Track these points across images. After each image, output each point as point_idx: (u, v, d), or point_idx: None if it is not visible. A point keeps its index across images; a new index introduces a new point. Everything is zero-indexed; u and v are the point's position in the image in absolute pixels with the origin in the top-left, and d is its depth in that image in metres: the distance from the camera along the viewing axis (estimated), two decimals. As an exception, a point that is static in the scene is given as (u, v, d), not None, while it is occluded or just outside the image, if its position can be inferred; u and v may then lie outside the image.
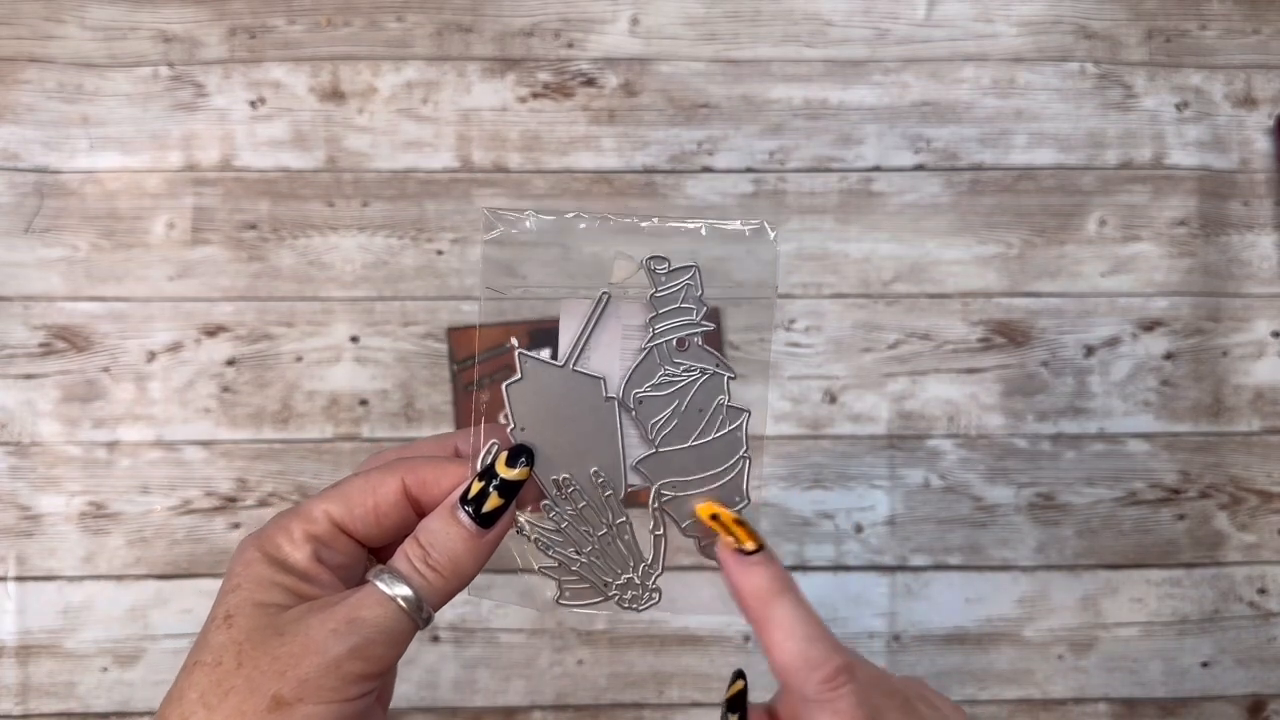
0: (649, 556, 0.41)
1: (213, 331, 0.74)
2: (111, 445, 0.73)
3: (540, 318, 0.74)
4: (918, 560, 0.72)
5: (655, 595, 0.39)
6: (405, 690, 0.71)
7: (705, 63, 0.77)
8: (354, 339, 0.74)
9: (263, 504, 0.72)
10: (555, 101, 0.77)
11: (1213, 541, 0.73)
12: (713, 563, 0.40)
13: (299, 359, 0.74)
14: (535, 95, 0.77)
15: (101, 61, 0.77)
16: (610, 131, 0.76)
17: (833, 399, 0.73)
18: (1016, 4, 0.78)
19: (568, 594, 0.39)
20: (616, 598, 0.39)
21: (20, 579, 0.72)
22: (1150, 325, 0.75)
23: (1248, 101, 0.78)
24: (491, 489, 0.34)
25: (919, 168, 0.76)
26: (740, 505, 0.36)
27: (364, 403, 0.73)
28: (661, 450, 0.40)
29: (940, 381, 0.74)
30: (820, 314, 0.74)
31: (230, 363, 0.73)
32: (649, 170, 0.76)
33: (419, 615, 0.33)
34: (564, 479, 0.39)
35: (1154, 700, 0.72)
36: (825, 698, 0.32)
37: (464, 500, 0.34)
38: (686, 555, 0.42)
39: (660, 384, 0.41)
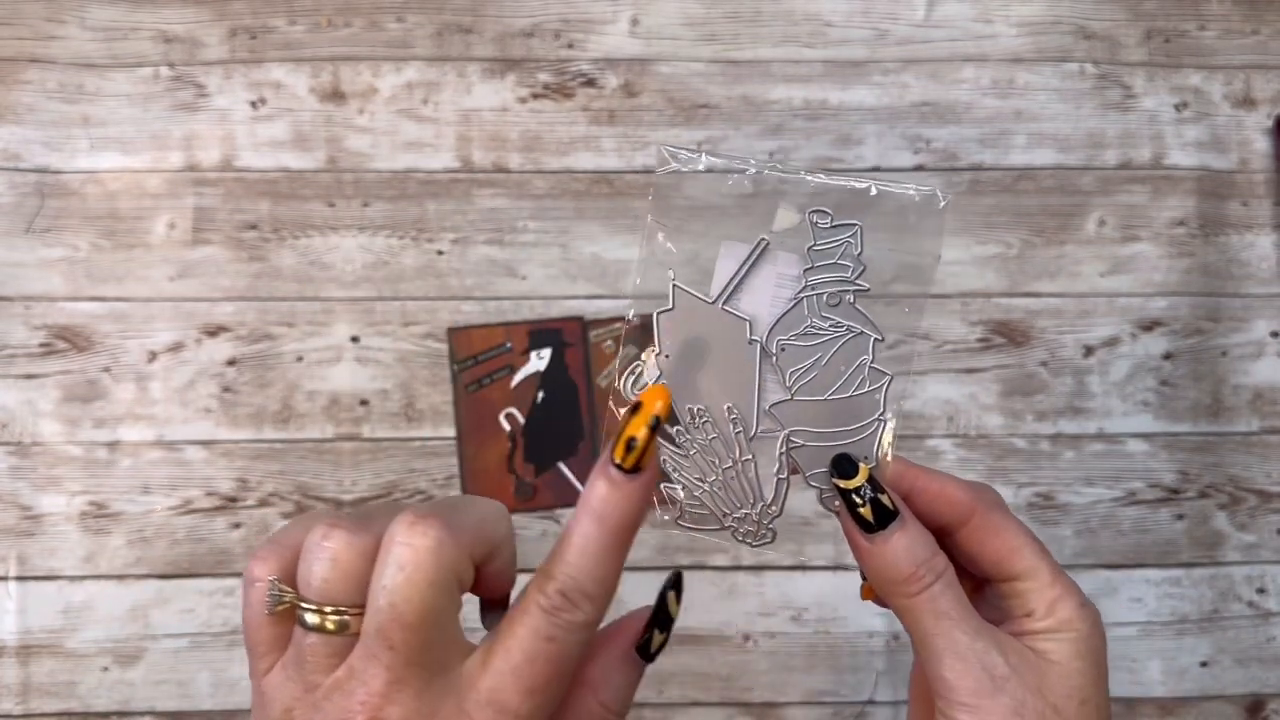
0: (769, 497, 0.41)
1: (213, 331, 0.74)
2: (112, 445, 0.73)
3: (540, 318, 0.74)
4: (917, 560, 0.72)
5: (770, 535, 0.39)
6: (405, 690, 0.71)
7: (705, 63, 0.77)
8: (354, 339, 0.74)
9: (263, 504, 0.72)
10: (555, 102, 0.77)
11: (1212, 541, 0.73)
12: (831, 514, 0.39)
13: (300, 359, 0.74)
14: (535, 96, 0.77)
15: (102, 62, 0.77)
16: (610, 132, 0.76)
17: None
18: (1016, 5, 0.79)
19: (687, 517, 0.40)
20: (733, 529, 0.39)
21: (21, 579, 0.72)
22: (1149, 325, 0.75)
23: (1247, 102, 0.78)
24: (660, 634, 0.30)
25: (918, 168, 0.76)
26: (871, 466, 0.36)
27: (364, 403, 0.73)
28: (797, 398, 0.41)
29: (939, 381, 0.74)
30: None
31: (231, 363, 0.74)
32: (649, 170, 0.76)
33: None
34: (699, 409, 0.39)
35: (1153, 699, 0.72)
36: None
37: (643, 650, 0.31)
38: (808, 505, 0.40)
39: (805, 335, 0.41)
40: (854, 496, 0.34)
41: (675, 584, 0.30)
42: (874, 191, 0.39)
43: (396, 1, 0.78)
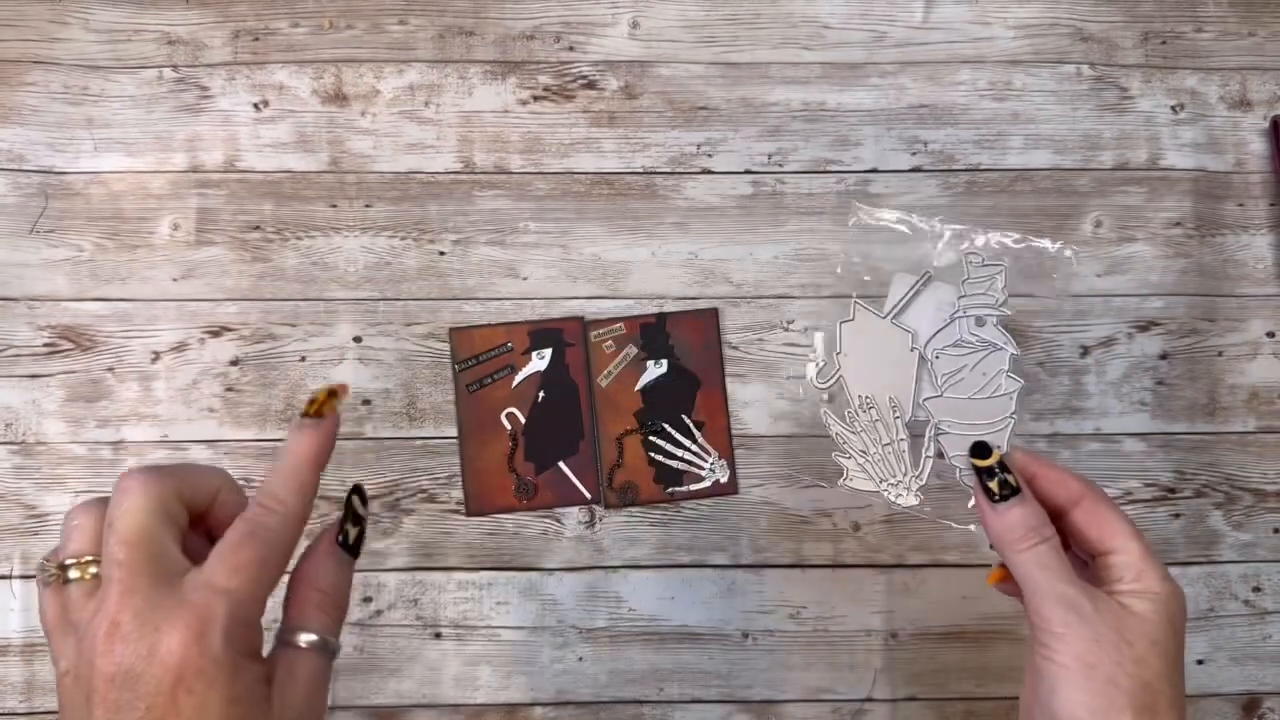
0: (918, 470, 0.56)
1: (217, 332, 0.74)
2: (116, 444, 0.73)
3: (541, 318, 0.75)
4: (915, 558, 0.72)
5: (916, 499, 0.56)
6: (407, 688, 0.72)
7: (704, 65, 0.78)
8: (357, 339, 0.74)
9: (266, 502, 0.73)
10: (556, 104, 0.77)
11: (1208, 540, 0.74)
12: (966, 487, 0.52)
13: (303, 359, 0.74)
14: (536, 98, 0.77)
15: (106, 64, 0.77)
16: (610, 134, 0.77)
17: (831, 398, 0.74)
18: (1013, 7, 0.79)
19: (851, 479, 0.58)
20: (887, 491, 0.57)
21: (25, 577, 0.72)
22: (1145, 325, 0.75)
23: (1243, 103, 0.78)
24: (353, 527, 0.39)
25: (916, 169, 0.77)
26: (1002, 452, 0.45)
27: (367, 402, 0.74)
28: (946, 396, 0.55)
29: (937, 381, 0.74)
30: (819, 314, 0.74)
31: (234, 363, 0.74)
32: (649, 172, 0.77)
33: (337, 651, 0.37)
34: (866, 397, 0.55)
35: (1149, 697, 0.72)
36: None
37: (344, 543, 0.38)
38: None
39: (956, 347, 0.55)
40: (986, 474, 0.43)
41: (358, 490, 0.40)
42: (1013, 243, 0.56)
43: (398, 4, 0.78)
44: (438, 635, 0.72)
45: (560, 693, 0.72)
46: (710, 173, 0.77)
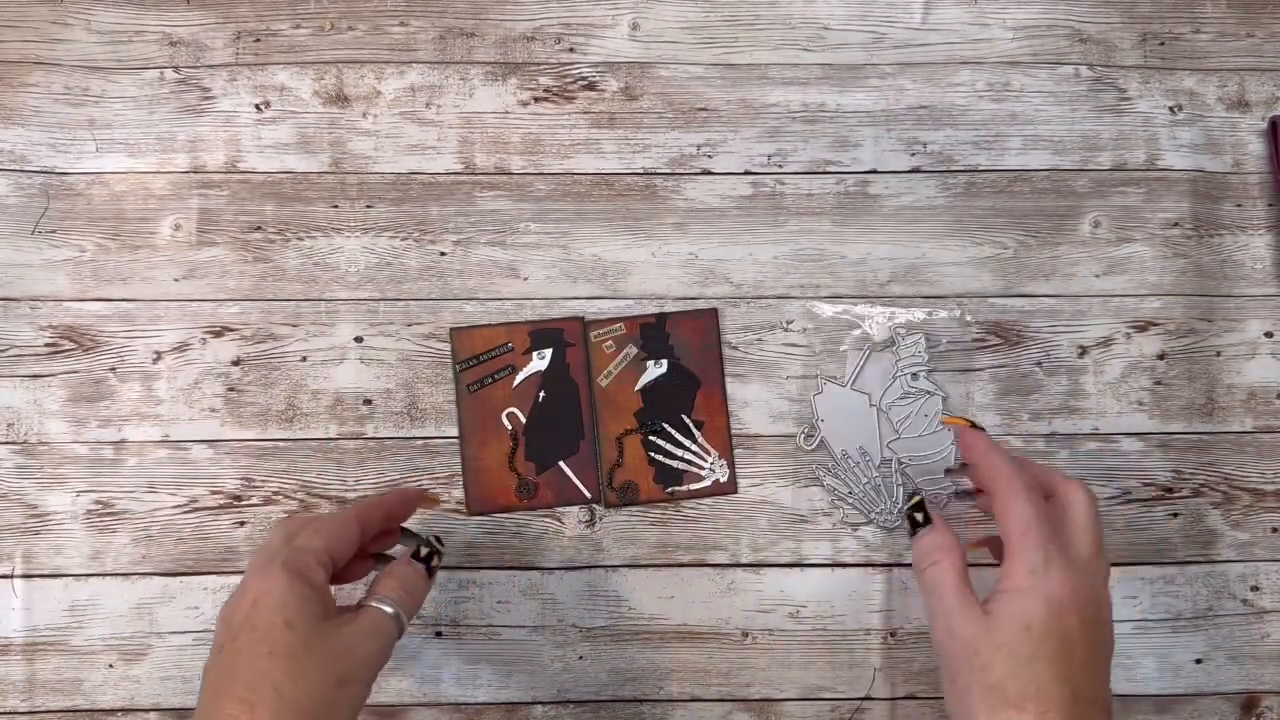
0: (896, 498, 0.70)
1: (219, 332, 0.75)
2: (118, 444, 0.74)
3: (541, 318, 0.75)
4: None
5: (899, 521, 0.70)
6: (407, 686, 0.72)
7: (704, 67, 0.78)
8: (358, 339, 0.75)
9: (268, 502, 0.73)
10: (556, 105, 0.78)
11: (1206, 539, 0.74)
12: (944, 487, 0.68)
13: (304, 359, 0.75)
14: (537, 99, 0.78)
15: (108, 65, 0.78)
16: (611, 135, 0.77)
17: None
18: (1012, 8, 0.79)
19: (845, 517, 0.71)
20: (875, 520, 0.70)
21: (27, 576, 0.72)
22: (1143, 326, 0.76)
23: (1241, 104, 0.79)
24: (430, 551, 0.58)
25: (915, 170, 0.77)
26: (958, 464, 0.64)
27: (368, 402, 0.74)
28: (903, 436, 0.71)
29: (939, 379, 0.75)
30: (818, 315, 0.75)
31: (236, 363, 0.74)
32: (649, 173, 0.77)
33: (403, 625, 0.52)
34: (843, 451, 0.70)
35: (1148, 697, 0.73)
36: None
37: (416, 556, 0.56)
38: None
39: (903, 398, 0.71)
40: (912, 511, 0.56)
41: (437, 538, 0.60)
42: (921, 316, 0.73)
43: (399, 6, 0.79)
44: (438, 634, 0.72)
45: (560, 691, 0.72)
46: (710, 174, 0.77)
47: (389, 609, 0.50)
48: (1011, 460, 0.52)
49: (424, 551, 0.56)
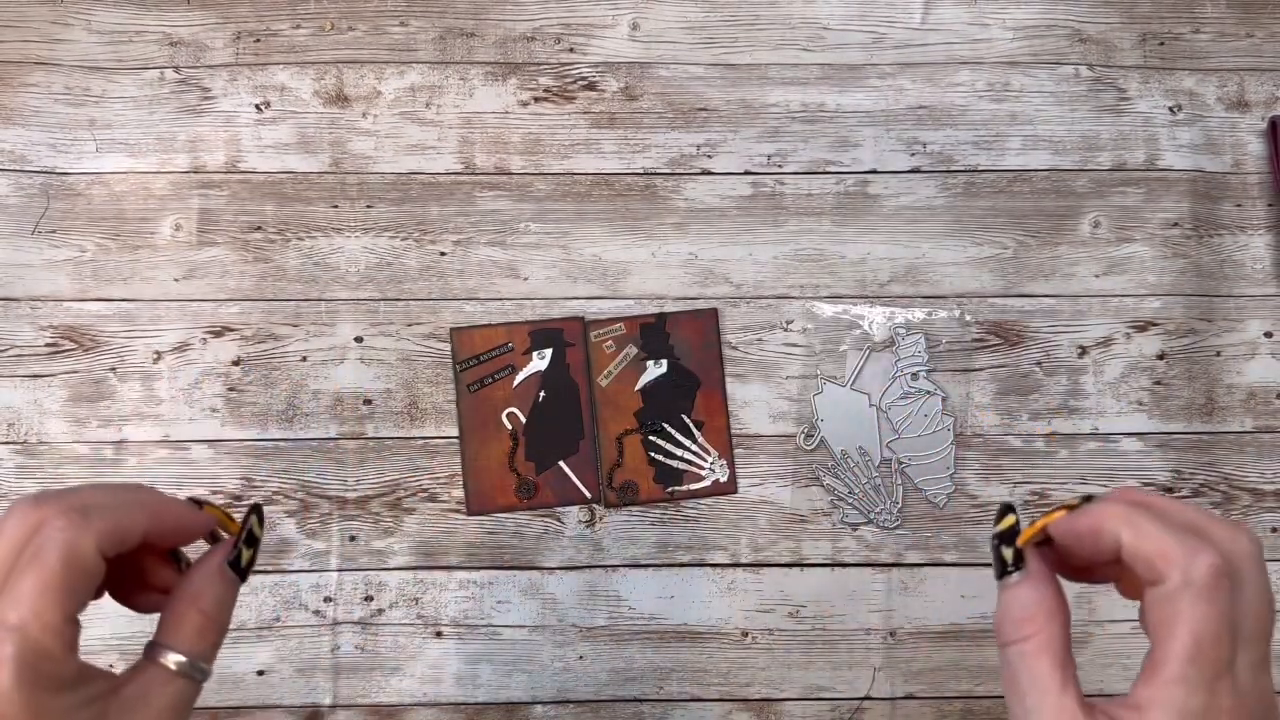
0: (896, 498, 0.70)
1: (219, 332, 0.75)
2: (119, 444, 0.74)
3: (541, 318, 0.75)
4: (913, 557, 0.73)
5: (899, 521, 0.70)
6: (408, 686, 0.72)
7: (704, 67, 0.78)
8: (358, 339, 0.75)
9: (268, 502, 0.73)
10: (556, 105, 0.78)
11: (1205, 539, 0.74)
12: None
13: (304, 359, 0.75)
14: (537, 99, 0.78)
15: (108, 65, 0.78)
16: (610, 135, 0.77)
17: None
18: (1011, 8, 0.79)
19: (845, 517, 0.71)
20: (874, 520, 0.70)
21: (28, 576, 0.72)
22: (1143, 326, 0.76)
23: (1240, 104, 0.79)
24: (246, 548, 0.37)
25: (915, 170, 0.77)
26: (950, 487, 0.64)
27: (368, 402, 0.74)
28: (903, 436, 0.71)
29: (938, 379, 0.75)
30: (818, 315, 0.75)
31: (236, 363, 0.74)
32: (649, 173, 0.77)
33: (206, 674, 0.35)
34: (843, 451, 0.70)
35: (1147, 695, 0.73)
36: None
37: (229, 562, 0.36)
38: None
39: (902, 398, 0.71)
40: (1001, 539, 0.35)
41: (256, 510, 0.38)
42: (921, 316, 0.72)
43: (399, 6, 0.79)
44: (439, 634, 0.72)
45: (560, 691, 0.72)
46: (710, 173, 0.77)
47: (187, 662, 0.33)
48: (1175, 529, 0.31)
49: (245, 555, 0.37)
